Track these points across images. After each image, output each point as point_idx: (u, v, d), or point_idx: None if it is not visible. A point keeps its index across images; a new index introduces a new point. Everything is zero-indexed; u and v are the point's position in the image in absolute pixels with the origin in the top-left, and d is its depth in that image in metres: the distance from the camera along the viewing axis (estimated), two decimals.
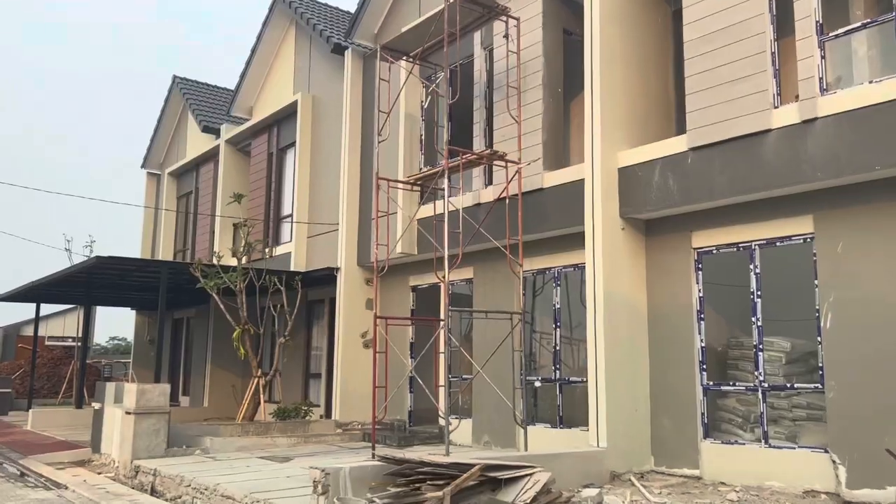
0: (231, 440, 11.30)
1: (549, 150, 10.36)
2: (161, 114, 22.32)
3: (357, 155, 14.23)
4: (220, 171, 18.69)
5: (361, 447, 11.66)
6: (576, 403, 10.44)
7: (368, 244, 13.77)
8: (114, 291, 18.25)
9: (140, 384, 10.52)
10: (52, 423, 15.43)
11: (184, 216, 21.58)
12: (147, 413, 10.45)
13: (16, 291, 17.69)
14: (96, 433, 11.77)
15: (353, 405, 13.52)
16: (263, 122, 17.35)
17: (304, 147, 15.67)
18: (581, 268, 10.32)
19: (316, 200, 15.42)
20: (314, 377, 16.08)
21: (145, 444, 10.38)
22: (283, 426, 12.52)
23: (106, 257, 12.23)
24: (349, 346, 13.69)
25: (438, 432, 12.27)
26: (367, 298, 14.07)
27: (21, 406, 19.52)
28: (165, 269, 12.79)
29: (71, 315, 45.71)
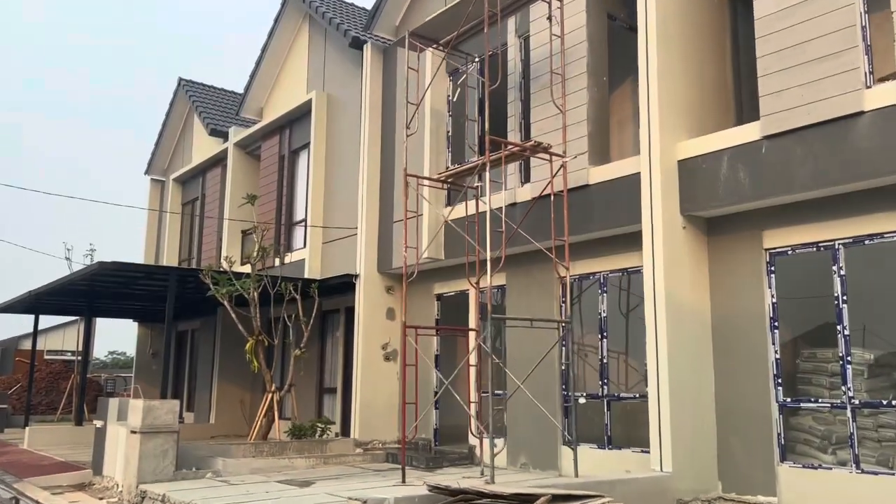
0: (245, 461, 10.35)
1: (595, 144, 9.50)
2: (166, 118, 21.51)
3: (377, 155, 13.37)
4: (228, 175, 17.83)
5: (387, 469, 10.72)
6: (626, 422, 9.51)
7: (389, 249, 12.90)
8: (116, 302, 17.33)
9: (147, 400, 9.59)
10: (51, 442, 14.46)
11: (189, 224, 20.70)
12: (154, 432, 9.51)
13: (14, 301, 16.78)
14: (98, 453, 10.82)
15: (373, 423, 12.58)
16: (275, 124, 16.52)
17: (318, 148, 14.81)
18: (630, 272, 9.44)
19: (331, 204, 14.55)
20: (328, 392, 15.14)
21: (152, 467, 9.43)
22: (300, 446, 11.57)
23: (110, 262, 11.34)
24: (369, 359, 12.76)
25: (468, 453, 11.34)
26: (388, 307, 13.16)
27: (17, 423, 18.55)
28: (174, 276, 11.89)
29: (70, 328, 44.76)
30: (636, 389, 9.74)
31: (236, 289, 11.57)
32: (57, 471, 11.07)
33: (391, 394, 12.91)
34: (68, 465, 11.69)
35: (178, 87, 21.00)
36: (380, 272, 13.12)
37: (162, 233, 21.66)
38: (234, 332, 17.34)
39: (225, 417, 16.91)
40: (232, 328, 17.31)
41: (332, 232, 14.32)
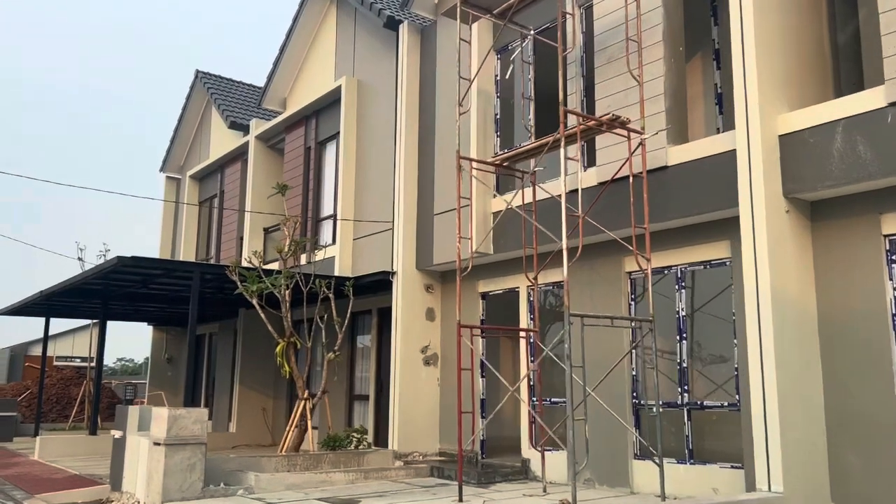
0: (279, 476, 9.35)
1: (673, 121, 8.48)
2: (182, 112, 20.61)
3: (414, 142, 12.39)
4: (249, 169, 16.90)
5: (434, 485, 9.69)
6: (711, 433, 8.48)
7: (429, 244, 11.90)
8: (131, 303, 16.39)
9: (171, 408, 8.61)
10: (63, 452, 13.50)
11: (206, 222, 19.77)
12: (180, 444, 8.52)
13: (24, 303, 15.86)
14: (116, 467, 9.84)
15: (412, 433, 11.57)
16: (300, 114, 15.58)
17: (348, 137, 13.85)
18: (714, 265, 8.41)
19: (362, 197, 13.57)
20: (359, 399, 14.13)
21: (178, 483, 8.44)
22: (336, 458, 10.57)
23: (129, 258, 10.39)
24: (408, 364, 11.75)
25: (521, 466, 10.30)
26: (428, 308, 12.15)
27: (27, 431, 17.62)
28: (197, 273, 10.92)
29: (81, 334, 43.91)
30: (714, 397, 8.70)
31: (267, 286, 10.59)
32: (71, 486, 10.09)
33: (432, 401, 11.90)
34: (83, 479, 10.70)
35: (195, 79, 20.10)
36: (419, 269, 12.11)
37: (178, 232, 20.74)
38: (255, 336, 16.43)
39: (246, 426, 15.93)
40: (253, 331, 16.43)
41: (364, 228, 13.34)
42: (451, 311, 12.10)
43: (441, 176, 11.77)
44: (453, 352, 11.91)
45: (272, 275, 10.96)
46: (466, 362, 11.55)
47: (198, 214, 20.12)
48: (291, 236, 11.27)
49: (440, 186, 11.78)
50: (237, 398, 15.94)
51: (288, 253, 11.06)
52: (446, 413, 11.80)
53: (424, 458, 11.49)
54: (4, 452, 14.56)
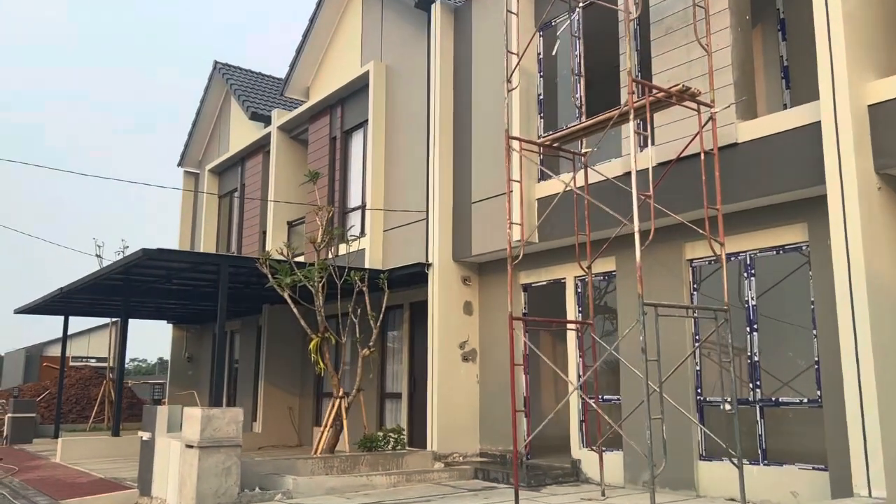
0: (317, 480, 8.79)
1: (742, 94, 7.84)
2: (200, 104, 20.11)
3: (449, 127, 11.79)
4: (271, 161, 16.36)
5: (481, 488, 9.11)
6: (787, 432, 7.85)
7: (467, 234, 11.30)
8: (152, 300, 15.91)
9: (205, 408, 8.07)
10: (86, 454, 13.01)
11: (227, 217, 19.26)
12: (215, 446, 7.98)
13: (43, 301, 15.40)
14: (145, 470, 9.32)
15: (452, 433, 10.99)
16: (324, 102, 15.02)
17: (377, 124, 13.27)
18: (788, 250, 7.78)
19: (393, 187, 12.99)
20: (391, 398, 13.57)
21: (213, 487, 7.91)
22: (373, 460, 10.01)
23: (154, 250, 9.86)
24: (446, 361, 11.16)
25: (571, 468, 9.70)
26: (465, 301, 11.56)
27: (47, 433, 17.17)
28: (225, 266, 10.38)
29: (96, 334, 43.70)
30: (782, 393, 8.08)
31: (300, 279, 10.03)
32: (97, 490, 9.57)
33: (471, 400, 11.31)
34: (109, 483, 10.19)
35: (213, 71, 19.59)
36: (455, 261, 11.52)
37: (197, 228, 20.26)
38: (280, 333, 15.91)
39: (272, 426, 15.41)
40: (278, 328, 15.91)
41: (394, 219, 12.76)
42: (489, 304, 11.52)
43: (479, 162, 11.18)
44: (492, 347, 11.35)
45: (304, 268, 10.40)
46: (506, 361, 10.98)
47: (217, 209, 19.63)
48: (325, 226, 10.69)
49: (478, 173, 11.18)
50: (262, 397, 15.41)
51: (322, 244, 10.49)
52: (486, 412, 11.22)
53: (465, 458, 10.92)
54: (25, 455, 14.10)
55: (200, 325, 20.38)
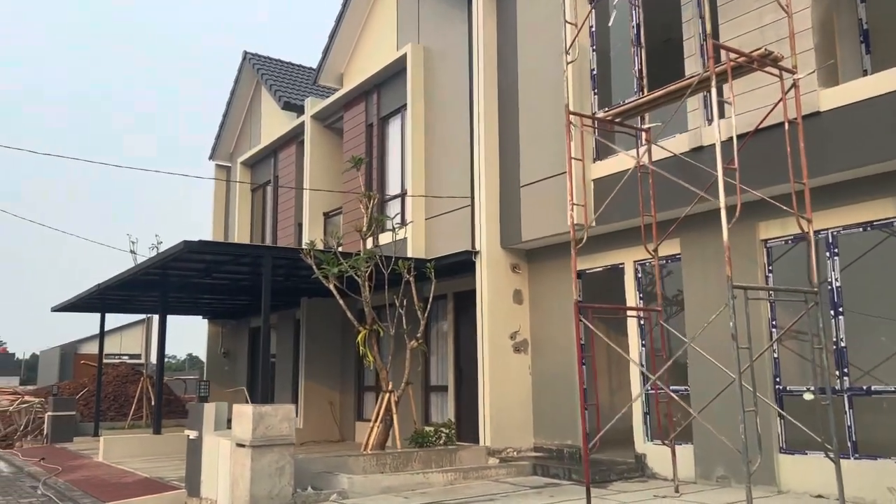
0: (373, 479, 8.41)
1: (825, 59, 7.24)
2: (231, 96, 19.83)
3: (494, 109, 11.30)
4: (306, 151, 15.99)
5: (543, 485, 8.66)
6: (883, 424, 7.27)
7: (515, 220, 10.82)
8: (188, 295, 15.66)
9: (257, 406, 7.71)
10: (128, 453, 12.80)
11: (260, 209, 18.97)
12: (268, 445, 7.62)
13: (80, 298, 15.22)
14: (193, 470, 9.00)
15: (505, 427, 10.55)
16: (359, 89, 14.60)
17: (416, 109, 12.81)
18: (877, 226, 7.19)
19: (433, 174, 12.54)
20: (436, 391, 13.16)
21: (267, 489, 7.55)
22: (426, 456, 9.62)
23: (195, 242, 9.54)
24: (497, 352, 10.71)
25: (635, 463, 9.21)
26: (515, 289, 11.09)
27: (86, 430, 17.06)
28: (269, 257, 10.02)
29: (128, 332, 43.97)
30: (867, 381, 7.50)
31: (346, 269, 9.63)
32: (144, 491, 9.29)
33: (523, 392, 10.86)
34: (155, 482, 9.91)
35: (243, 61, 19.28)
36: (504, 248, 11.05)
37: (230, 222, 20.02)
38: (319, 326, 15.58)
39: (313, 421, 15.09)
40: (317, 321, 15.58)
41: (436, 206, 12.31)
42: (540, 292, 11.04)
43: (528, 144, 10.68)
44: (545, 337, 10.88)
45: (349, 258, 10.01)
46: (561, 350, 10.50)
47: (250, 202, 19.34)
48: (370, 213, 10.28)
49: (527, 155, 10.69)
50: (303, 392, 15.09)
51: (368, 232, 10.08)
52: (540, 405, 10.76)
53: (519, 453, 10.48)
54: (67, 454, 13.94)
55: (236, 321, 20.16)
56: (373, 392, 15.12)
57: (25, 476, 11.69)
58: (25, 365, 77.64)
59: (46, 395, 19.86)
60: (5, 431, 18.21)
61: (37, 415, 18.34)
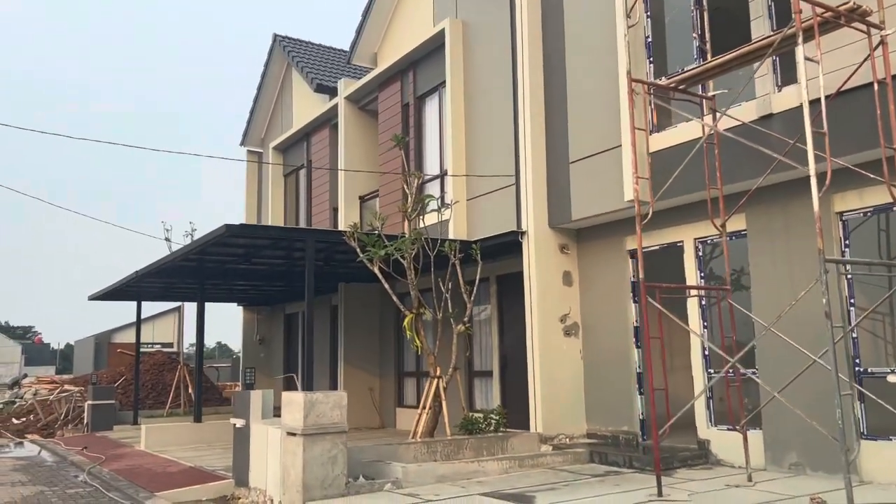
0: (428, 468, 8.10)
1: None
2: (261, 80, 19.54)
3: (540, 82, 10.85)
4: (340, 133, 15.65)
5: (605, 473, 8.29)
6: None
7: (564, 198, 10.39)
8: (225, 282, 15.48)
9: (308, 393, 7.43)
10: (169, 441, 12.69)
11: (293, 195, 18.73)
12: (320, 433, 7.34)
13: (117, 286, 15.11)
14: (240, 459, 8.78)
15: (557, 413, 10.19)
16: (395, 68, 14.20)
17: (456, 86, 12.40)
18: None
19: (473, 153, 12.13)
20: (480, 376, 12.84)
21: (320, 478, 7.27)
22: (477, 444, 9.29)
23: (237, 226, 9.28)
24: (547, 336, 10.33)
25: (699, 449, 8.79)
26: (564, 271, 10.68)
27: (125, 419, 17.04)
28: (311, 240, 9.73)
29: (160, 320, 44.30)
30: None
31: (392, 251, 9.30)
32: (190, 480, 9.11)
33: (574, 377, 10.47)
34: (201, 472, 9.73)
35: (273, 44, 18.97)
36: (552, 228, 10.63)
37: (263, 208, 19.81)
38: (357, 311, 15.32)
39: (353, 408, 14.48)
40: (355, 306, 15.33)
41: (477, 187, 11.91)
42: (591, 273, 10.62)
43: (577, 118, 10.23)
44: (596, 320, 10.47)
45: (393, 240, 9.67)
46: (615, 333, 10.09)
47: (283, 187, 19.10)
48: (415, 193, 9.91)
49: (577, 130, 10.23)
50: (342, 378, 14.86)
51: (413, 212, 9.73)
52: (593, 390, 10.37)
53: (571, 440, 10.11)
54: (108, 442, 13.90)
55: (270, 308, 20.01)
56: (413, 378, 14.86)
57: (69, 465, 11.61)
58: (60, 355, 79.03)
59: (85, 384, 19.93)
60: (46, 420, 18.30)
61: (76, 403, 18.40)
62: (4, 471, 11.19)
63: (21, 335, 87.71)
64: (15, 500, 8.58)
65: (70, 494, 8.91)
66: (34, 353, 76.39)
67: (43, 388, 23.34)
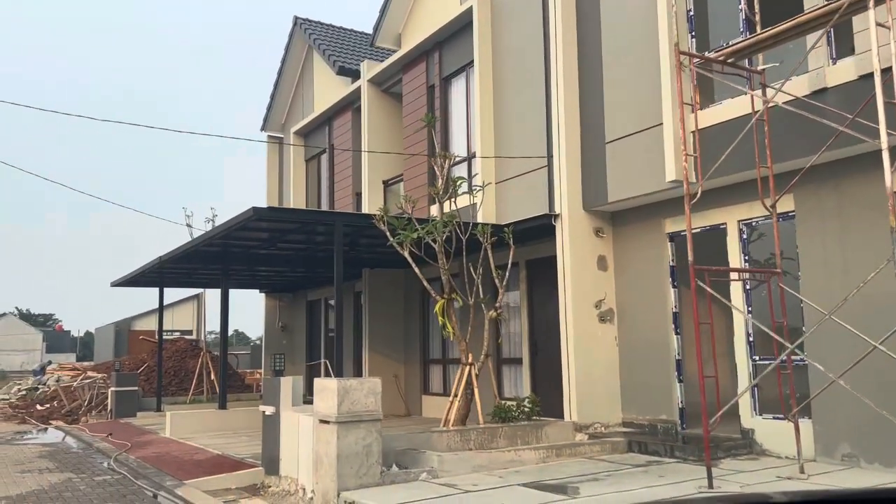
0: (463, 457, 7.87)
1: None
2: (282, 64, 19.28)
3: (574, 60, 10.49)
4: (364, 117, 15.37)
5: (646, 463, 8.01)
6: None
7: (600, 179, 10.06)
8: (248, 268, 15.30)
9: (342, 379, 7.20)
10: (194, 429, 12.56)
11: (315, 180, 18.50)
12: (354, 421, 7.11)
13: (140, 272, 14.98)
14: (270, 448, 8.59)
15: (592, 401, 9.90)
16: (420, 48, 13.88)
17: (484, 64, 12.05)
18: None
19: (503, 135, 11.80)
20: (509, 363, 12.58)
21: (354, 468, 7.05)
22: (512, 432, 9.04)
23: (264, 209, 9.06)
24: (581, 322, 10.03)
25: (742, 439, 8.48)
26: (599, 255, 10.36)
27: (149, 406, 16.98)
28: (339, 224, 9.48)
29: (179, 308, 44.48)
30: None
31: (423, 235, 9.02)
32: (218, 469, 8.95)
33: (609, 364, 10.17)
34: (229, 460, 9.57)
35: (293, 27, 18.68)
36: (586, 210, 10.30)
37: (284, 194, 19.59)
38: (382, 297, 15.10)
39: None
40: (379, 292, 15.10)
41: (506, 169, 11.59)
42: (626, 257, 10.29)
43: (614, 95, 9.87)
44: (633, 305, 10.15)
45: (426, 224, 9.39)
46: (653, 321, 9.78)
47: (305, 173, 18.87)
48: (445, 174, 9.61)
49: (613, 108, 9.88)
50: (367, 366, 14.66)
51: (445, 195, 9.43)
52: (629, 377, 10.07)
53: (607, 429, 9.83)
54: (133, 429, 13.81)
55: (293, 294, 19.85)
56: (439, 365, 14.63)
57: (95, 452, 11.51)
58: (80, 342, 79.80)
59: (107, 371, 19.92)
60: (70, 407, 18.29)
61: (99, 390, 18.38)
62: (31, 457, 11.11)
63: (42, 323, 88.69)
64: (43, 488, 8.46)
65: (98, 482, 8.78)
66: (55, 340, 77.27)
67: (65, 374, 23.42)
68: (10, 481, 8.92)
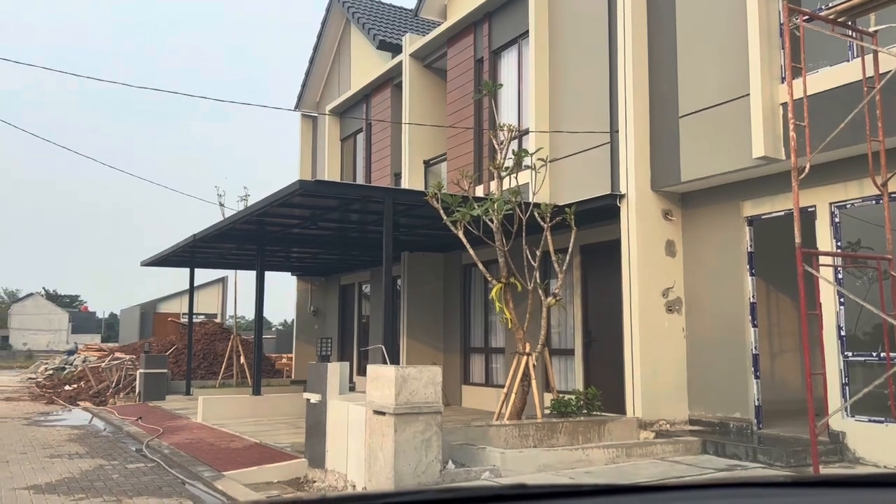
0: (528, 454, 7.19)
1: None
2: (318, 40, 18.62)
3: (643, 29, 9.68)
4: (405, 92, 14.65)
5: (727, 467, 7.27)
6: None
7: (672, 157, 9.27)
8: (282, 248, 14.71)
9: (399, 367, 6.53)
10: (227, 415, 12.01)
11: (351, 159, 17.84)
12: (413, 413, 6.45)
13: (171, 251, 14.45)
14: (315, 439, 7.97)
15: (657, 396, 9.15)
16: (467, 20, 13.12)
17: (540, 34, 11.27)
18: None
19: (559, 111, 11.03)
20: (559, 355, 11.84)
21: (412, 464, 6.40)
22: (572, 428, 8.35)
23: (311, 182, 8.47)
24: (647, 312, 9.27)
25: (831, 443, 7.69)
26: (668, 240, 9.58)
27: (177, 388, 16.52)
28: (389, 200, 8.80)
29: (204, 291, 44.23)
30: None
31: (481, 213, 8.32)
32: (258, 459, 8.35)
33: (678, 358, 9.42)
34: (268, 449, 8.98)
35: (331, 1, 17.98)
36: (654, 191, 9.52)
37: (318, 174, 18.97)
38: (422, 283, 14.45)
39: None
40: (420, 277, 14.45)
41: (562, 147, 10.83)
42: (697, 242, 9.51)
43: (690, 65, 9.06)
44: (702, 294, 9.38)
45: (483, 202, 8.68)
46: (726, 313, 9.01)
47: (340, 152, 18.22)
48: (507, 148, 8.88)
49: (689, 79, 9.07)
50: (405, 354, 14.03)
51: (509, 169, 8.71)
52: (697, 372, 9.32)
53: (673, 426, 9.10)
54: (163, 414, 13.31)
55: (325, 278, 19.28)
56: (480, 354, 13.96)
57: (126, 436, 11.01)
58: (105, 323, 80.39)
59: (135, 353, 19.52)
60: (98, 388, 17.92)
61: (127, 372, 17.97)
62: (60, 440, 10.64)
63: (68, 304, 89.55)
64: (73, 475, 7.93)
65: (131, 470, 8.23)
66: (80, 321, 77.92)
67: (92, 355, 23.12)
68: (38, 467, 8.41)
